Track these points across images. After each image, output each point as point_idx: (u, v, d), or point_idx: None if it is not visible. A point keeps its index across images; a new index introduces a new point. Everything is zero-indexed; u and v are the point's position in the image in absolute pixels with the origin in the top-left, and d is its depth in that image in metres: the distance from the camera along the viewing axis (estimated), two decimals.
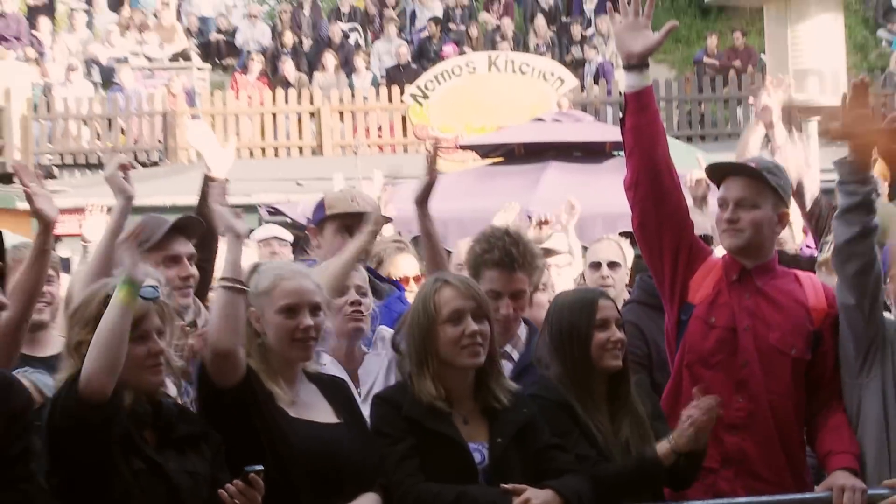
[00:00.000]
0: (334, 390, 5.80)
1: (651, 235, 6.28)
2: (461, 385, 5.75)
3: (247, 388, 5.38)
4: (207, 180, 6.96)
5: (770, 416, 6.07)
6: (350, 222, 7.01)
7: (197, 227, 6.67)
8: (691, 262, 6.24)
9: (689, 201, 7.02)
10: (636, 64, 6.24)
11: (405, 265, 7.81)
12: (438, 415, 5.66)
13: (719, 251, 6.49)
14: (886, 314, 6.39)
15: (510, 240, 6.60)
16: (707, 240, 6.91)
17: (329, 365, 6.10)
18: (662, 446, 5.71)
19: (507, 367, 6.13)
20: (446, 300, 5.74)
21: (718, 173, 6.40)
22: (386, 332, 6.62)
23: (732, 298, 6.15)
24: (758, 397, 6.06)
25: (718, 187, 6.38)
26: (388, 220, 7.42)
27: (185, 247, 6.54)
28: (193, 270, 6.55)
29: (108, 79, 27.74)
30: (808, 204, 7.90)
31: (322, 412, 5.65)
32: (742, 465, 6.03)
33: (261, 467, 5.21)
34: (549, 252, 8.08)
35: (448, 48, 26.99)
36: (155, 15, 29.02)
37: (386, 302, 7.26)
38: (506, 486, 5.48)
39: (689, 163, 8.73)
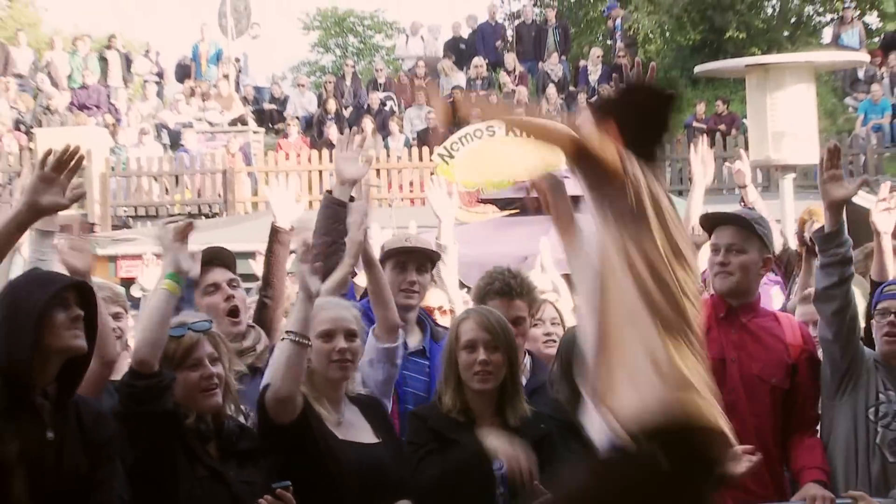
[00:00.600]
0: (372, 410, 5.86)
1: None
2: (481, 403, 5.81)
3: (303, 422, 5.42)
4: (274, 230, 6.95)
5: (754, 437, 6.04)
6: (404, 259, 6.99)
7: (224, 255, 6.67)
8: None
9: None
10: None
11: (432, 297, 7.79)
12: (458, 426, 5.72)
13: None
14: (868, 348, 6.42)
15: (509, 273, 6.75)
16: None
17: None
18: None
19: None
20: (465, 330, 5.85)
21: (710, 222, 6.43)
22: None
23: (720, 333, 6.19)
24: (744, 420, 6.04)
25: (710, 235, 6.39)
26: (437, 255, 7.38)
27: (222, 274, 6.50)
28: (236, 293, 6.50)
29: (175, 141, 27.85)
30: (778, 251, 8.02)
31: (364, 432, 5.71)
32: (732, 481, 6.02)
33: (288, 483, 5.25)
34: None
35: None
36: (216, 85, 29.12)
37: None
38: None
39: (680, 213, 8.71)
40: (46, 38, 33.60)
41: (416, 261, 6.83)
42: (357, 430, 5.69)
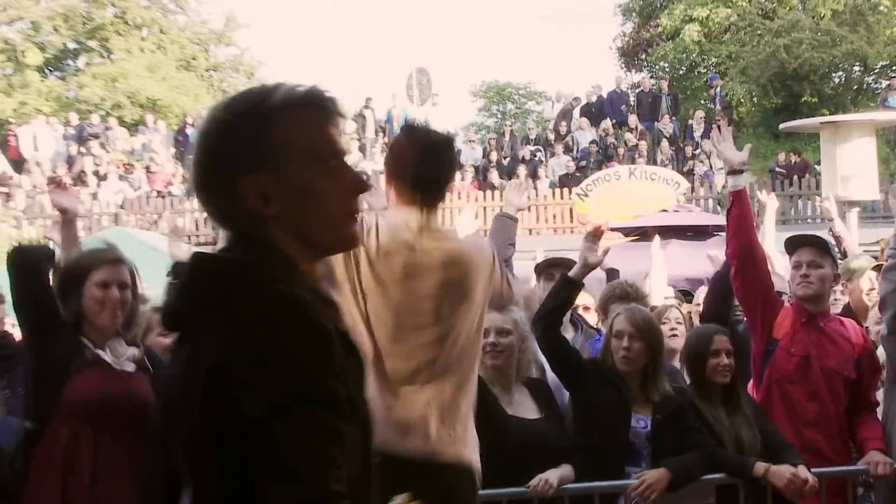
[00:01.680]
0: (539, 390, 5.78)
1: (746, 291, 6.28)
2: (632, 380, 5.78)
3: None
4: None
5: (833, 416, 6.08)
6: (552, 270, 7.31)
7: None
8: (773, 309, 6.24)
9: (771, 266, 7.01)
10: (737, 170, 6.27)
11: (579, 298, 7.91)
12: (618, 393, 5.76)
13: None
14: None
15: (627, 284, 7.18)
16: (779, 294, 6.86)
17: None
18: (761, 466, 5.66)
19: None
20: (616, 322, 5.89)
21: (794, 244, 6.37)
22: None
23: (804, 335, 6.15)
24: (825, 403, 6.08)
25: (791, 256, 6.35)
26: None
27: None
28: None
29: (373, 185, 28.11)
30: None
31: (529, 410, 5.64)
32: (815, 450, 6.00)
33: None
34: None
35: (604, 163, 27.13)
36: None
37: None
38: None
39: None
40: None
41: (560, 270, 6.73)
42: (524, 408, 5.62)
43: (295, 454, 1.97)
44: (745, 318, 6.53)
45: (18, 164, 30.62)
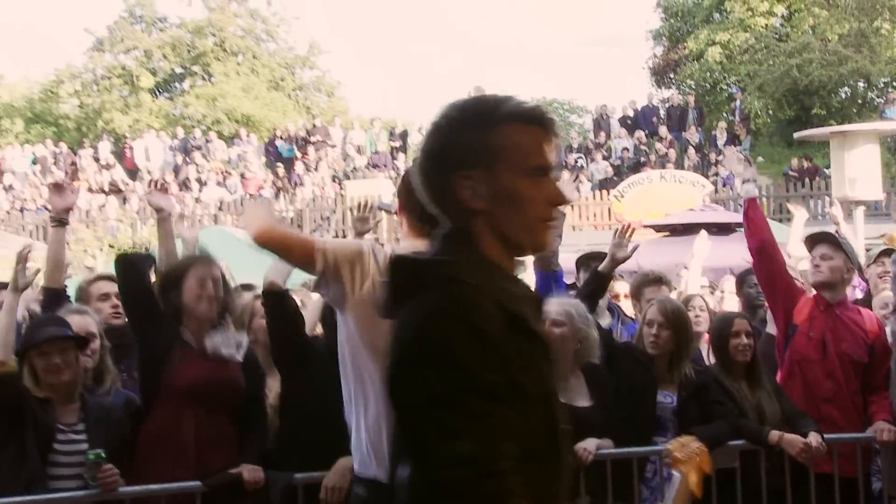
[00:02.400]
0: (593, 376, 5.53)
1: (767, 281, 6.30)
2: (661, 361, 5.74)
3: None
4: None
5: (847, 393, 6.04)
6: (592, 262, 7.00)
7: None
8: (793, 297, 6.23)
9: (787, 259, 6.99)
10: (750, 180, 6.46)
11: (616, 286, 7.84)
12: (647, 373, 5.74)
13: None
14: None
15: (656, 272, 7.17)
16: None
17: None
18: (775, 434, 5.60)
19: None
20: (649, 312, 5.86)
21: (811, 241, 6.36)
22: None
23: (822, 321, 6.10)
24: (839, 382, 6.02)
25: (811, 250, 6.35)
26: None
27: None
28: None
29: None
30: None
31: (581, 396, 5.40)
32: (830, 422, 5.93)
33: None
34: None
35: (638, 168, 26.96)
36: None
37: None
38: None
39: (782, 236, 8.51)
40: (351, 120, 34.24)
41: (599, 262, 6.61)
42: (576, 394, 5.38)
43: (458, 439, 1.98)
44: (766, 305, 6.58)
45: (133, 172, 31.15)
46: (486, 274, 2.19)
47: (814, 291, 6.31)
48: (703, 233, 8.47)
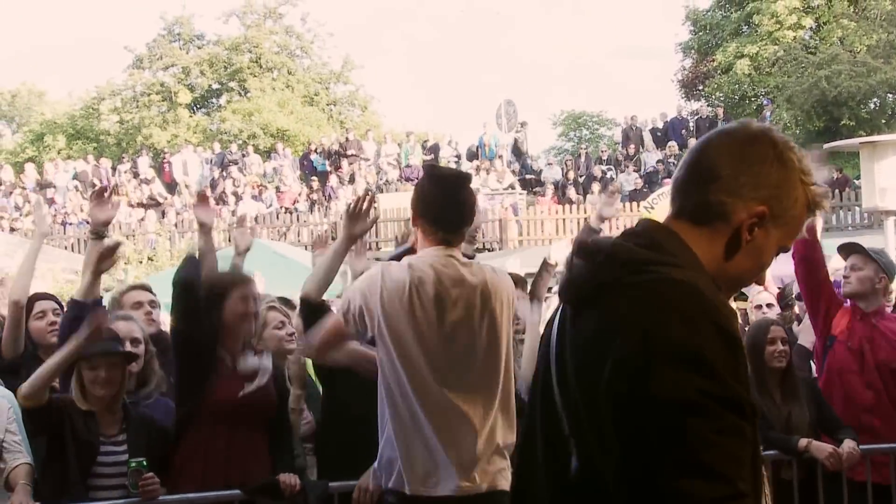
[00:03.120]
0: None
1: (809, 291, 6.21)
2: None
3: None
4: (545, 264, 6.67)
5: (886, 399, 5.98)
6: None
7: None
8: (833, 307, 6.17)
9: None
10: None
11: None
12: None
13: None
14: None
15: None
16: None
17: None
18: (803, 442, 5.57)
19: None
20: None
21: (845, 251, 6.33)
22: None
23: (859, 330, 6.05)
24: (879, 389, 5.97)
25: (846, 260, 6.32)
26: None
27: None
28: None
29: None
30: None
31: None
32: (871, 431, 5.89)
33: None
34: None
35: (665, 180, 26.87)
36: (494, 163, 29.22)
37: None
38: None
39: None
40: (384, 134, 34.33)
41: None
42: None
43: (709, 452, 1.80)
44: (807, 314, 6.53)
45: (171, 186, 31.31)
46: (708, 280, 2.08)
47: (847, 302, 6.27)
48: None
